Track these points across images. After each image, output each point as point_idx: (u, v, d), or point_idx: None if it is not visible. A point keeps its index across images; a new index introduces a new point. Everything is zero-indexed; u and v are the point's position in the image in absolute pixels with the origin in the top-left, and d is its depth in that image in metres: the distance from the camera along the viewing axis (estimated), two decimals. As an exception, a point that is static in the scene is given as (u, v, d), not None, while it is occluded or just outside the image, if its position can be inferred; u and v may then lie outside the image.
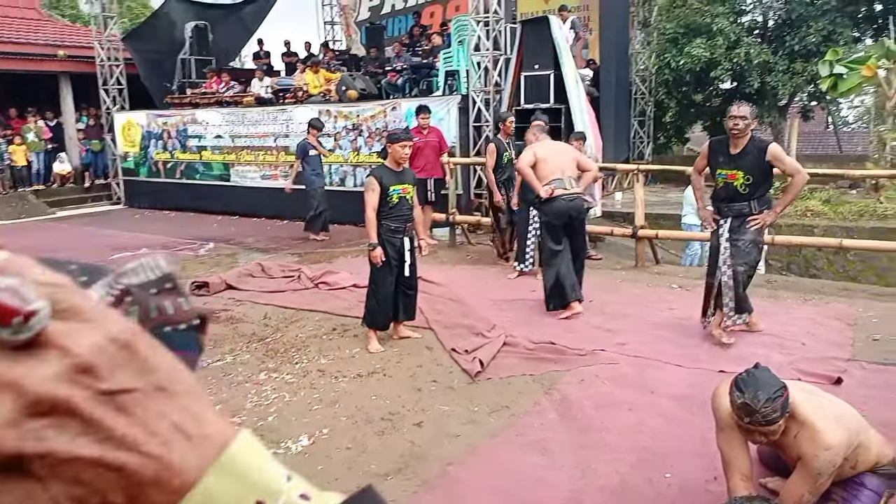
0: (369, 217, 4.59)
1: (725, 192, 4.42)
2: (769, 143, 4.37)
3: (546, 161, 5.44)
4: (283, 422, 3.68)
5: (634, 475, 3.01)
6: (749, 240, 4.39)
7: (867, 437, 2.38)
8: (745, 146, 4.27)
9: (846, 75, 12.13)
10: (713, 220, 4.55)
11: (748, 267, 4.45)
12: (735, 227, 4.41)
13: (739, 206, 4.39)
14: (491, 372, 4.27)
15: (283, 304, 5.96)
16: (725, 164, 4.36)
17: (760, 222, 4.38)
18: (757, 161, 4.26)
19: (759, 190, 4.35)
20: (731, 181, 4.34)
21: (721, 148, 4.42)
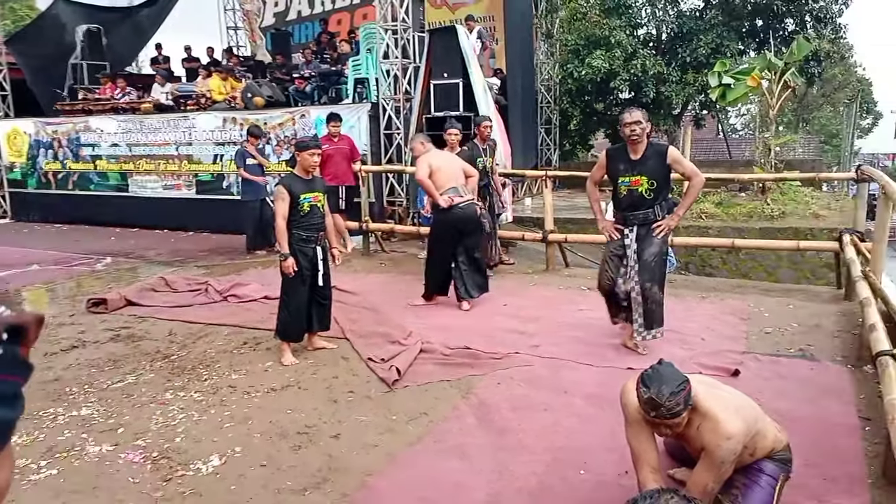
0: (279, 227, 4.49)
1: (629, 199, 4.32)
2: (666, 146, 4.35)
3: (440, 170, 5.73)
4: (191, 442, 3.52)
5: (550, 474, 3.08)
6: (655, 252, 4.31)
7: (763, 425, 2.53)
8: (645, 151, 4.24)
9: (733, 85, 12.95)
10: (616, 230, 4.44)
11: (656, 283, 4.35)
12: (641, 236, 4.32)
13: (644, 213, 4.31)
14: (408, 379, 4.26)
15: (189, 319, 5.72)
16: (627, 170, 4.28)
17: (665, 228, 4.32)
18: (658, 165, 4.24)
19: (661, 195, 4.33)
20: (635, 188, 4.27)
21: (620, 155, 4.34)
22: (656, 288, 4.34)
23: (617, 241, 4.42)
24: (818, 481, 2.92)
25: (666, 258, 4.47)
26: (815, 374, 4.21)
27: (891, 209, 4.44)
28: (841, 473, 2.99)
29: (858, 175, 6.04)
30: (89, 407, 4.00)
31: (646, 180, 4.24)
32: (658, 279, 4.36)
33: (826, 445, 3.25)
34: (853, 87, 30.54)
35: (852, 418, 3.57)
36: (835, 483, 2.91)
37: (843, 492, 2.84)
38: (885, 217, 4.61)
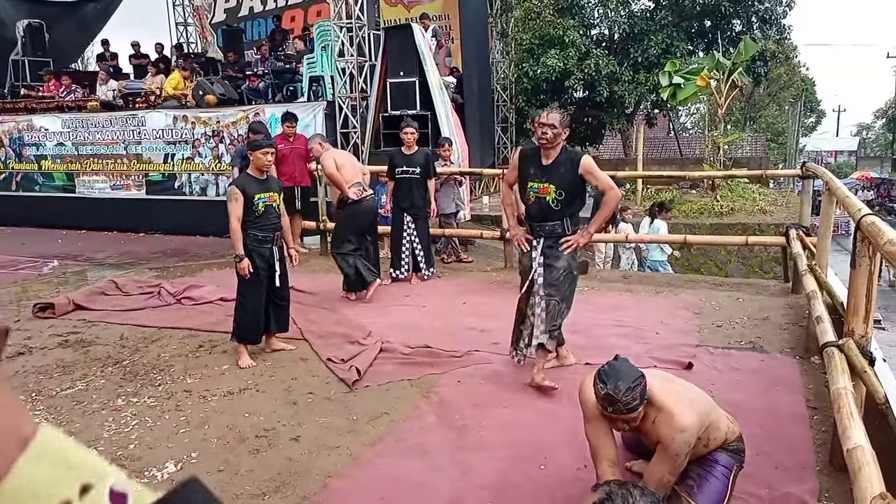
0: (234, 228, 4.41)
1: (537, 208, 3.96)
2: (581, 155, 3.95)
3: (345, 166, 6.14)
4: (145, 449, 3.43)
5: (512, 470, 3.10)
6: (562, 268, 3.94)
7: (716, 417, 2.60)
8: (557, 157, 3.87)
9: (683, 85, 13.28)
10: (525, 240, 4.08)
11: (562, 300, 3.98)
12: (548, 250, 3.97)
13: (552, 226, 3.95)
14: (369, 379, 4.24)
15: (141, 322, 5.57)
16: (537, 176, 3.91)
17: (573, 244, 3.94)
18: (569, 174, 3.85)
19: (571, 207, 3.94)
20: (542, 196, 3.90)
21: (532, 158, 3.96)
22: (563, 304, 3.99)
23: (527, 252, 4.09)
24: (769, 470, 3.01)
25: (575, 274, 4.07)
26: (765, 365, 4.34)
27: (834, 205, 4.60)
28: (791, 461, 3.09)
29: (803, 172, 6.25)
30: (37, 416, 3.85)
31: (553, 189, 3.86)
32: (564, 295, 4.00)
33: (776, 435, 3.36)
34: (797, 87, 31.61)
35: (801, 408, 3.70)
36: (785, 471, 3.01)
37: (793, 479, 2.93)
38: (828, 212, 4.79)
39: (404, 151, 6.69)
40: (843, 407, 2.52)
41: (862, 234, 2.64)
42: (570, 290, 4.04)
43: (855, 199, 3.42)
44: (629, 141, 18.91)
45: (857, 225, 2.67)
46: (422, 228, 6.74)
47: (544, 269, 3.96)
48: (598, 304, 5.95)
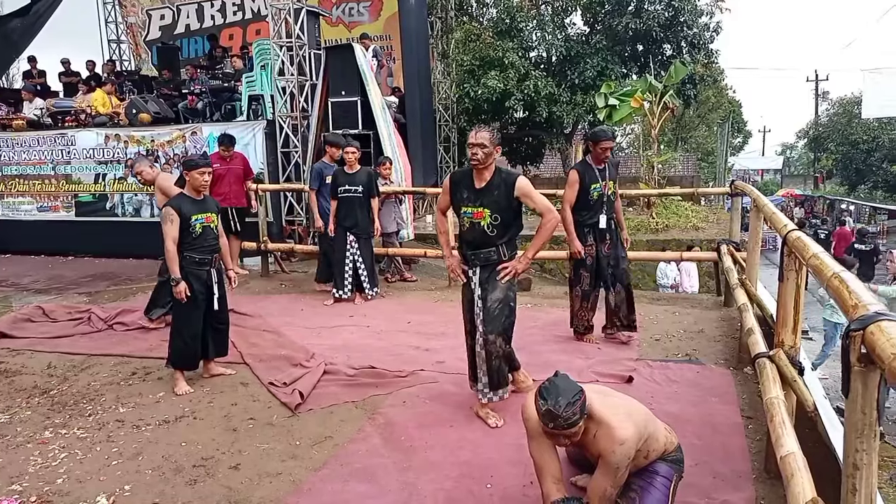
0: (169, 250, 4.27)
1: (472, 234, 3.71)
2: (517, 175, 3.70)
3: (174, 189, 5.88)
4: (75, 483, 3.26)
5: (458, 489, 3.09)
6: (499, 298, 3.69)
7: (655, 428, 2.66)
8: (491, 179, 3.65)
9: (619, 106, 13.70)
10: (461, 270, 3.83)
11: (500, 335, 3.72)
12: (485, 280, 3.73)
13: (487, 253, 3.71)
14: (312, 403, 4.15)
15: (70, 350, 5.33)
16: (470, 200, 3.68)
17: (511, 272, 3.71)
18: (504, 197, 3.64)
19: (508, 232, 3.72)
20: (477, 221, 3.66)
21: (465, 181, 3.73)
22: (500, 341, 3.71)
23: (466, 283, 3.85)
24: (708, 479, 3.09)
25: (513, 305, 3.79)
26: (701, 377, 4.47)
27: (761, 221, 4.81)
28: (728, 470, 3.18)
29: (732, 190, 6.52)
30: (-46, 452, 3.63)
31: (489, 213, 3.63)
32: (502, 329, 3.72)
33: (713, 444, 3.46)
34: (725, 109, 33.02)
35: (736, 417, 3.82)
36: (723, 480, 3.09)
37: (730, 487, 3.02)
38: (756, 228, 4.99)
39: (347, 171, 6.65)
40: (775, 416, 2.61)
41: (788, 248, 2.76)
42: (508, 322, 3.76)
43: (781, 215, 3.58)
44: (568, 160, 19.32)
45: (784, 240, 2.80)
46: (365, 248, 6.70)
47: (482, 304, 3.71)
48: (541, 319, 6.02)
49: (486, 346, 3.69)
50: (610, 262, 5.13)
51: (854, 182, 33.05)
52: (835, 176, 36.24)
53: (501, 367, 3.75)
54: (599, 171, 5.02)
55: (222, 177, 7.82)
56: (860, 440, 1.52)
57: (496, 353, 3.71)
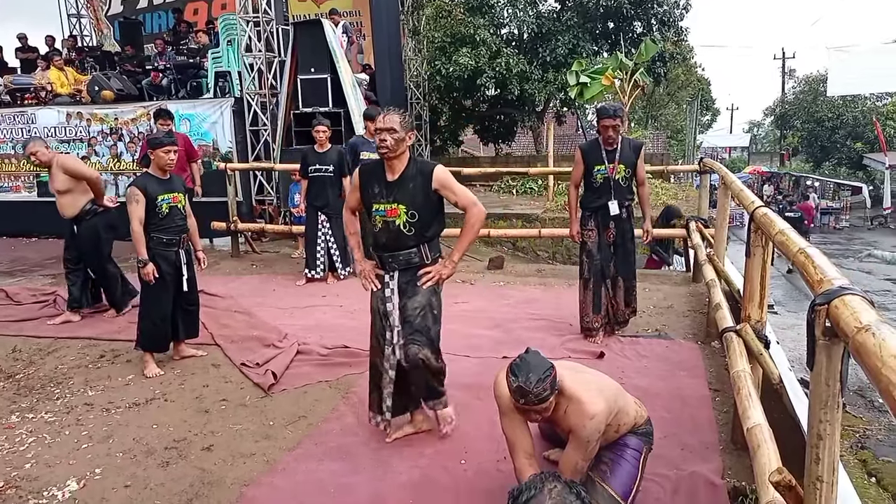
0: (135, 231, 4.19)
1: (386, 235, 3.16)
2: (434, 165, 3.20)
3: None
4: (44, 468, 3.21)
5: (432, 466, 3.11)
6: (421, 305, 3.18)
7: (625, 403, 2.70)
8: (405, 171, 3.13)
9: (590, 84, 13.73)
10: (375, 276, 3.29)
11: (426, 346, 3.17)
12: (404, 286, 3.21)
13: (406, 255, 3.17)
14: (285, 383, 4.14)
15: (35, 333, 5.22)
16: (382, 195, 3.14)
17: (434, 276, 3.19)
18: (421, 191, 3.11)
19: (428, 231, 3.19)
20: (391, 219, 3.12)
21: (376, 173, 3.19)
22: (427, 352, 3.17)
23: (378, 291, 3.29)
24: (676, 451, 3.16)
25: (437, 312, 3.27)
26: (670, 351, 4.56)
27: (729, 197, 4.88)
28: (696, 442, 3.26)
29: (701, 167, 6.60)
30: (-84, 439, 3.54)
31: (404, 210, 3.11)
32: (429, 340, 3.20)
33: (682, 417, 3.53)
34: (694, 87, 33.34)
35: (704, 390, 3.90)
36: (691, 451, 3.17)
37: (698, 458, 3.09)
38: (724, 205, 5.07)
39: (317, 150, 6.57)
40: (742, 389, 2.68)
41: (755, 225, 2.81)
42: (434, 332, 3.24)
43: (749, 192, 3.63)
44: (540, 138, 19.37)
45: (751, 217, 2.84)
46: (337, 227, 6.65)
47: (401, 311, 3.20)
48: (514, 297, 6.06)
49: (409, 361, 3.16)
50: (614, 252, 4.76)
51: (819, 159, 33.71)
52: (800, 153, 36.92)
53: (435, 379, 3.28)
54: (608, 152, 4.65)
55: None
56: (824, 411, 1.56)
57: (423, 366, 3.16)
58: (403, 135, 3.08)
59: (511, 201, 14.38)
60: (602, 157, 4.67)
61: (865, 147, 29.96)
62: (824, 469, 1.58)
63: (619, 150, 4.64)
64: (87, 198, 5.35)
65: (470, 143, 26.94)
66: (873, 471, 4.11)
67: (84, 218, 5.37)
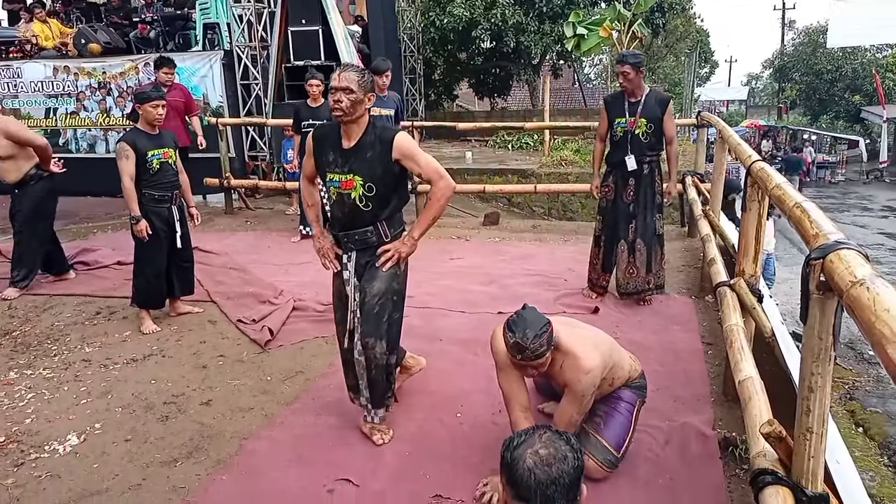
0: (127, 187, 4.14)
1: (341, 209, 2.85)
2: (395, 132, 2.82)
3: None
4: (44, 423, 3.25)
5: (429, 419, 3.16)
6: (379, 291, 2.86)
7: (619, 357, 2.73)
8: (363, 137, 2.78)
9: (587, 36, 13.49)
10: (334, 256, 3.00)
11: (380, 338, 2.88)
12: (361, 268, 2.92)
13: (362, 234, 2.87)
14: (282, 339, 4.17)
15: (30, 290, 5.21)
16: (336, 164, 2.82)
17: (393, 255, 2.87)
18: (380, 161, 2.77)
19: (387, 206, 2.87)
20: (346, 192, 2.80)
21: (331, 139, 2.85)
22: (381, 345, 2.88)
23: (339, 273, 3.01)
24: (669, 403, 3.21)
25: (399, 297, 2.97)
26: (664, 306, 4.59)
27: (726, 152, 4.84)
28: (688, 394, 3.31)
29: (699, 121, 6.53)
30: (-85, 396, 3.57)
31: (360, 182, 2.78)
32: (385, 331, 2.90)
33: (675, 370, 3.58)
34: (693, 38, 32.76)
35: (697, 344, 3.94)
36: (683, 403, 3.22)
37: (690, 410, 3.14)
38: (721, 159, 5.03)
39: (310, 104, 6.46)
40: (734, 342, 2.70)
41: (752, 179, 2.79)
42: (393, 320, 2.96)
43: (746, 146, 3.60)
44: (536, 92, 19.11)
45: (748, 171, 2.82)
46: (331, 183, 6.57)
47: (359, 296, 2.89)
48: (509, 253, 6.07)
49: (365, 353, 2.88)
50: (633, 211, 4.50)
51: (817, 112, 33.45)
52: (798, 106, 36.60)
53: (380, 381, 2.94)
54: (630, 104, 4.41)
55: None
56: (816, 364, 1.57)
57: (375, 362, 2.88)
58: (362, 96, 2.71)
59: (506, 156, 14.27)
60: (624, 110, 4.44)
61: (864, 100, 29.70)
62: (814, 420, 1.60)
63: (643, 103, 4.39)
64: (31, 163, 5.03)
65: (465, 97, 26.58)
66: (861, 421, 4.20)
67: (28, 183, 5.06)
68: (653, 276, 4.58)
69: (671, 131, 4.48)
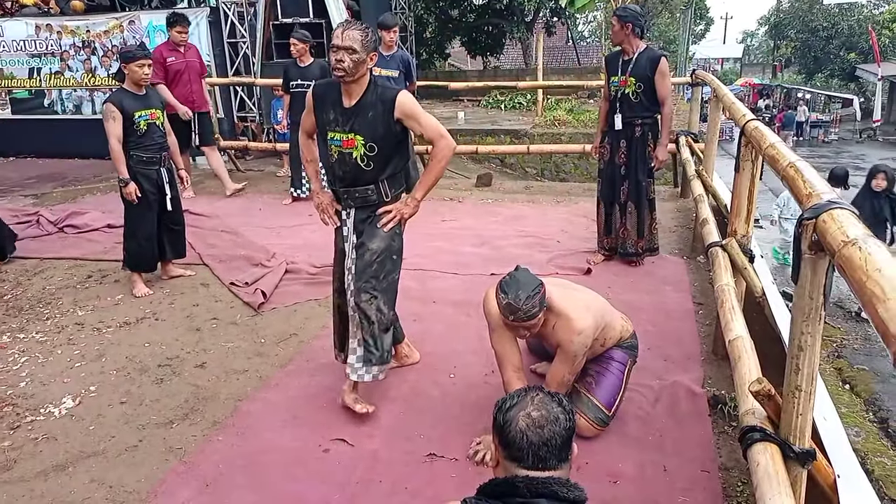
0: (114, 149, 4.08)
1: (342, 167, 2.83)
2: (396, 91, 2.78)
3: None
4: (38, 386, 3.26)
5: (422, 380, 3.19)
6: (377, 250, 2.83)
7: (611, 318, 2.75)
8: (364, 96, 2.74)
9: (581, -8, 13.22)
10: (333, 211, 2.99)
11: (378, 295, 2.84)
12: (360, 224, 2.90)
13: (363, 192, 2.85)
14: (275, 301, 4.17)
15: (21, 254, 5.18)
16: (337, 123, 2.79)
17: (395, 216, 2.86)
18: (382, 120, 2.74)
19: (388, 166, 2.84)
20: (347, 151, 2.78)
21: (332, 96, 2.82)
22: (379, 303, 2.85)
23: (338, 227, 3.00)
24: (659, 362, 3.25)
25: (397, 256, 2.93)
26: (656, 266, 4.61)
27: (720, 111, 4.80)
28: (678, 353, 3.35)
29: (693, 79, 6.47)
30: None
31: (361, 141, 2.76)
32: (383, 289, 2.86)
33: (666, 330, 3.61)
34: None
35: (687, 304, 3.97)
36: (673, 363, 3.26)
37: (680, 369, 3.18)
38: (715, 119, 5.00)
39: (299, 64, 6.35)
40: (725, 302, 2.72)
41: (746, 138, 2.77)
42: (390, 280, 2.91)
43: (740, 105, 3.57)
44: (529, 50, 18.85)
45: (742, 130, 2.80)
46: (322, 144, 6.50)
47: (356, 252, 2.88)
48: (502, 214, 6.06)
49: (361, 308, 2.82)
50: (624, 173, 4.45)
51: (811, 70, 33.19)
52: (793, 64, 36.27)
53: (380, 337, 2.86)
54: (624, 62, 4.31)
55: (179, 74, 6.41)
56: (806, 323, 1.58)
57: (373, 319, 2.83)
58: (364, 56, 2.65)
59: (499, 117, 14.13)
60: (618, 68, 4.35)
61: (859, 58, 29.46)
62: (803, 379, 1.62)
63: (634, 62, 4.26)
64: None
65: (457, 55, 26.18)
66: (847, 378, 4.27)
67: None
68: (644, 240, 4.56)
69: (663, 92, 4.32)
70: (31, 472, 2.61)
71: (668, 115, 4.42)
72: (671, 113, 4.47)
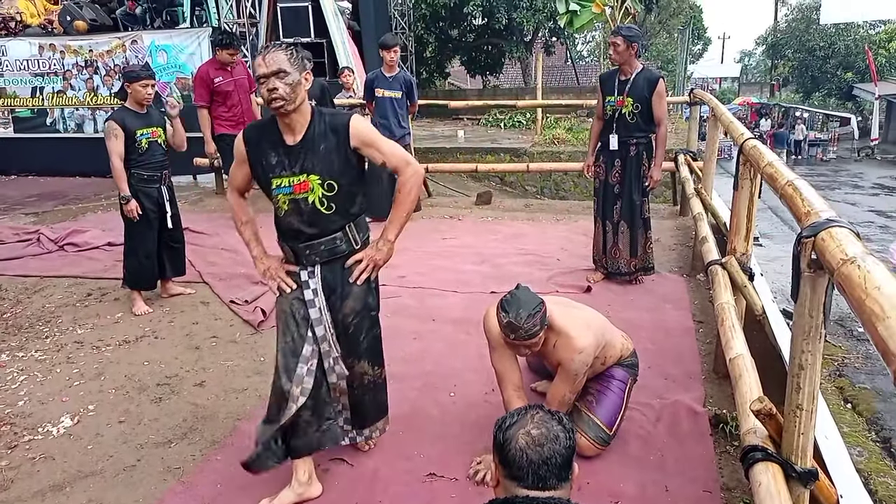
0: (116, 167, 4.10)
1: (298, 219, 2.35)
2: (348, 117, 2.36)
3: None
4: (37, 405, 3.25)
5: (422, 399, 3.17)
6: (355, 309, 2.45)
7: (612, 336, 2.74)
8: (310, 128, 2.30)
9: (580, 12, 13.37)
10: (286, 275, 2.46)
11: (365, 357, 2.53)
12: (331, 282, 2.41)
13: (330, 242, 2.38)
14: (274, 319, 4.15)
15: (21, 272, 5.18)
16: (285, 166, 2.30)
17: (368, 263, 2.43)
18: (338, 152, 2.30)
19: (353, 204, 2.40)
20: (301, 196, 2.30)
21: (269, 136, 2.34)
22: (362, 364, 2.52)
23: (292, 293, 2.44)
24: (660, 381, 3.24)
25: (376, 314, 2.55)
26: (656, 284, 4.60)
27: (719, 130, 4.83)
28: (679, 372, 3.33)
29: (691, 98, 6.51)
30: None
31: (317, 181, 2.29)
32: (363, 351, 2.51)
33: (666, 348, 3.60)
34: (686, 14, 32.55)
35: (688, 322, 3.97)
36: (674, 381, 3.24)
37: (681, 388, 3.17)
38: (714, 137, 5.02)
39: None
40: (725, 320, 2.72)
41: (744, 157, 2.78)
42: (372, 339, 2.55)
43: (739, 124, 3.59)
44: (528, 69, 19.00)
45: (741, 149, 2.82)
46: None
47: (331, 314, 2.42)
48: (501, 232, 6.06)
49: (352, 376, 2.50)
50: (618, 192, 4.44)
51: (809, 90, 33.39)
52: (790, 83, 36.51)
53: (374, 400, 2.63)
54: (621, 82, 4.30)
55: (229, 96, 6.06)
56: (806, 342, 1.58)
57: (358, 383, 2.53)
58: (298, 76, 2.22)
59: (499, 135, 14.21)
60: (614, 87, 4.34)
61: (856, 77, 29.66)
62: (805, 398, 1.61)
63: (632, 82, 4.26)
64: None
65: (457, 75, 26.37)
66: (849, 397, 4.25)
67: None
68: (637, 259, 4.52)
69: (660, 112, 4.30)
70: (28, 492, 2.59)
71: (663, 135, 4.41)
72: (666, 133, 4.47)
